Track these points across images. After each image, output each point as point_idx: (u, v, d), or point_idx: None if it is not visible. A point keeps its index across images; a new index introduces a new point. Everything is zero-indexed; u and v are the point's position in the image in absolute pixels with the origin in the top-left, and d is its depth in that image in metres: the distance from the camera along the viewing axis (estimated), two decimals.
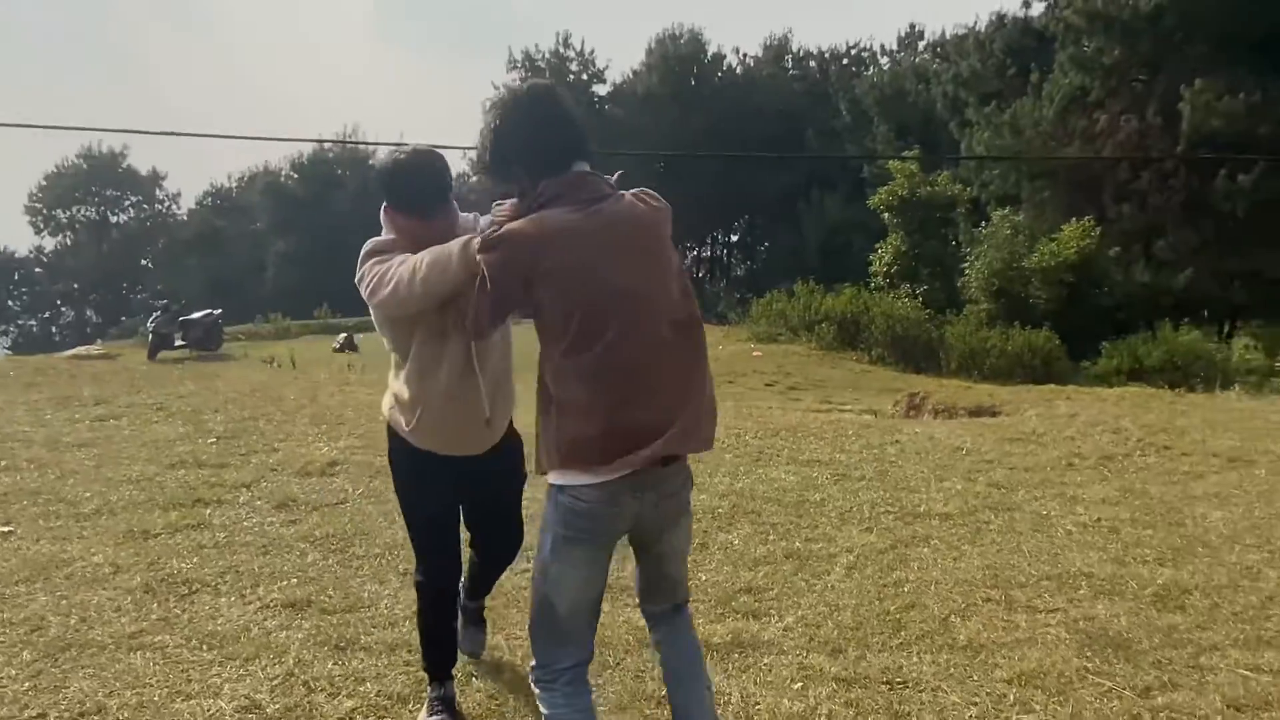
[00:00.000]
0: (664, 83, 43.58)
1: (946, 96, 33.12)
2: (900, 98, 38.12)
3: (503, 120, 2.22)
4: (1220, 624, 3.70)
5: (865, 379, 16.92)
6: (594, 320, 2.11)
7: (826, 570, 4.37)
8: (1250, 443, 7.07)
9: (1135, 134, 24.54)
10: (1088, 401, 9.02)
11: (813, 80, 46.37)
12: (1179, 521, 5.15)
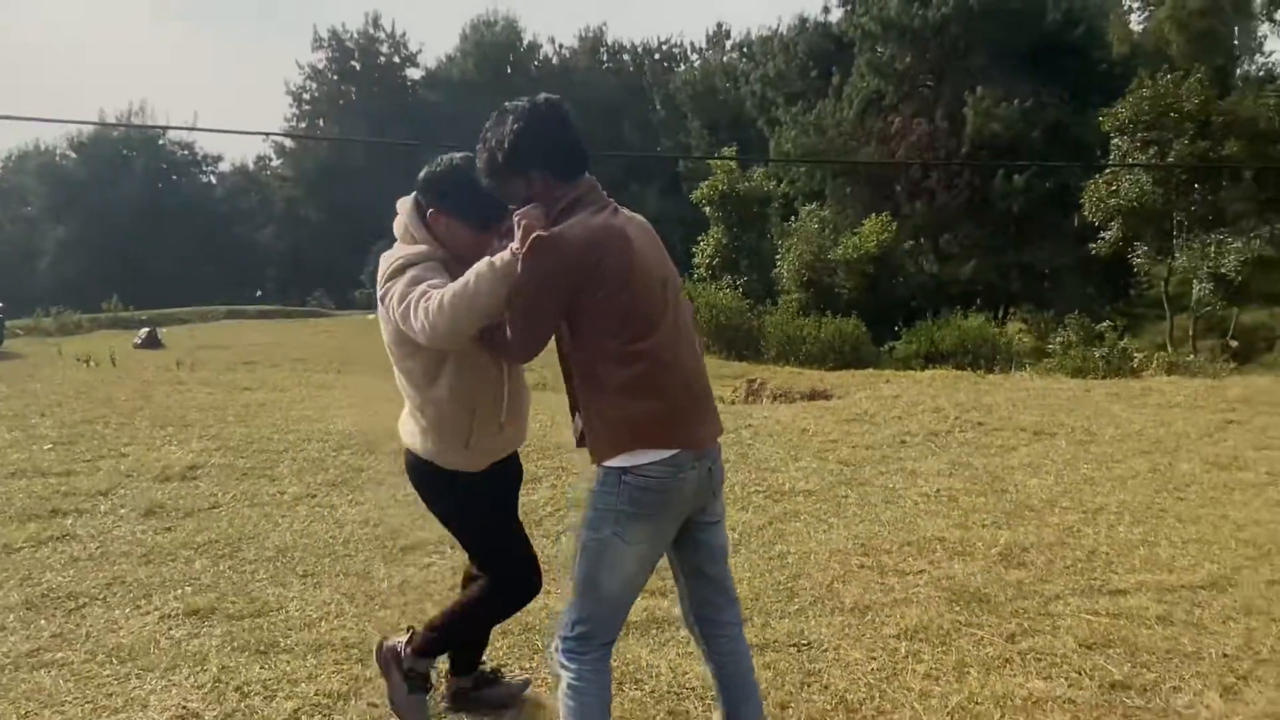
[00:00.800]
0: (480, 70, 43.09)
1: (755, 95, 34.71)
2: (712, 94, 39.58)
3: (526, 125, 2.26)
4: (1057, 576, 4.29)
5: None
6: (651, 309, 2.26)
7: None
8: (1049, 417, 8.02)
9: (926, 136, 26.73)
10: (907, 384, 9.90)
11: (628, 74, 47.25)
12: (1004, 489, 5.83)
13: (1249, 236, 20.04)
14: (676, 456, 2.29)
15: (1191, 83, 21.14)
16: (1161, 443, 7.10)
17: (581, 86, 44.27)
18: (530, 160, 2.29)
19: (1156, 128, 21.21)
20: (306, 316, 30.61)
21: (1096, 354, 16.60)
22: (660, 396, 2.27)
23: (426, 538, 4.72)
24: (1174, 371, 12.92)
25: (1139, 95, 21.42)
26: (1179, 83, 21.26)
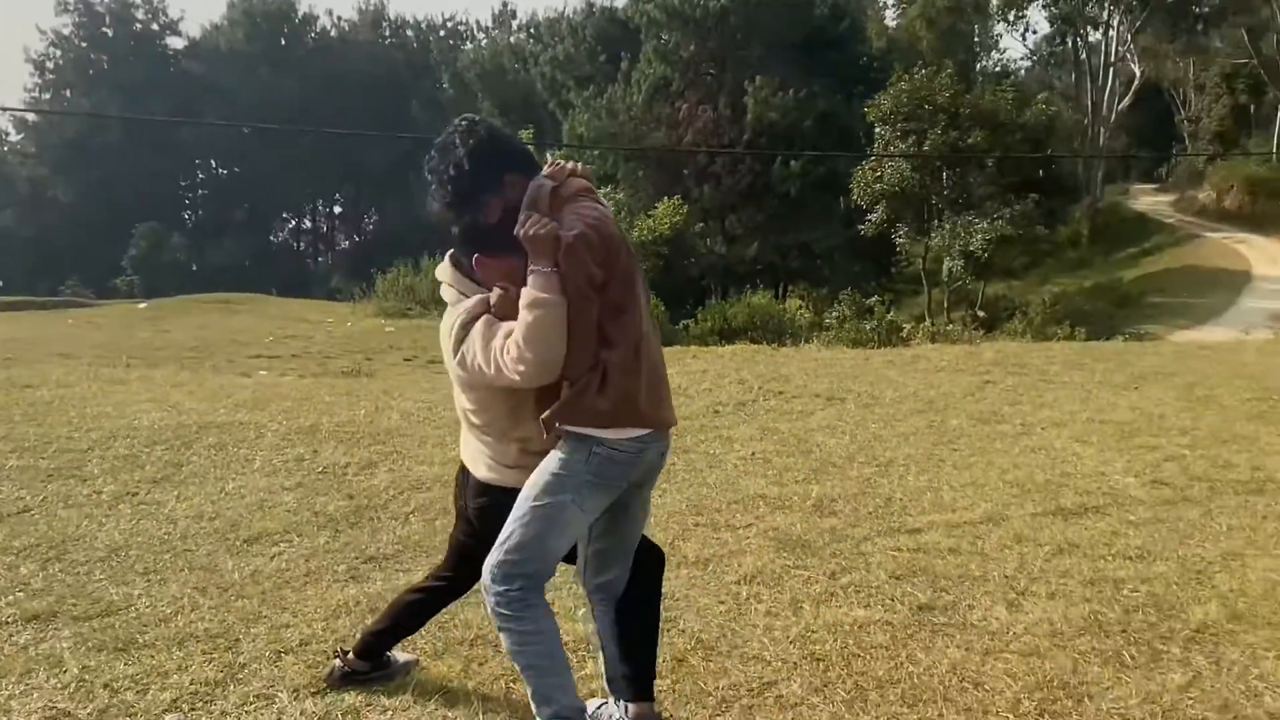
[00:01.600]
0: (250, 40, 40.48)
1: (545, 78, 34.89)
2: (501, 75, 39.34)
3: (479, 139, 2.33)
4: (863, 521, 4.89)
5: None
6: (628, 289, 2.36)
7: None
8: (837, 384, 8.85)
9: (711, 122, 28.00)
10: (711, 359, 10.54)
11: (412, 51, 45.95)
12: (808, 450, 6.47)
13: (993, 218, 22.55)
14: (645, 435, 2.43)
15: (943, 77, 23.44)
16: (933, 402, 8.04)
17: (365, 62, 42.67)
18: (499, 166, 2.36)
19: (914, 118, 23.38)
20: (62, 307, 27.88)
21: (868, 326, 18.21)
22: (637, 377, 2.37)
23: (270, 527, 4.68)
24: (937, 340, 14.48)
25: (898, 88, 23.50)
26: (932, 77, 23.51)
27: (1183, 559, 4.26)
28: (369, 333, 18.75)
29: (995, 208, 22.74)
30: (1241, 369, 9.81)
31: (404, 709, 3.01)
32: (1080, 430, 6.96)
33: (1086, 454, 6.26)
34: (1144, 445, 6.46)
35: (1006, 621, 3.61)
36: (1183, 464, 5.94)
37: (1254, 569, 4.10)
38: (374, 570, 4.22)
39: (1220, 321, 22.57)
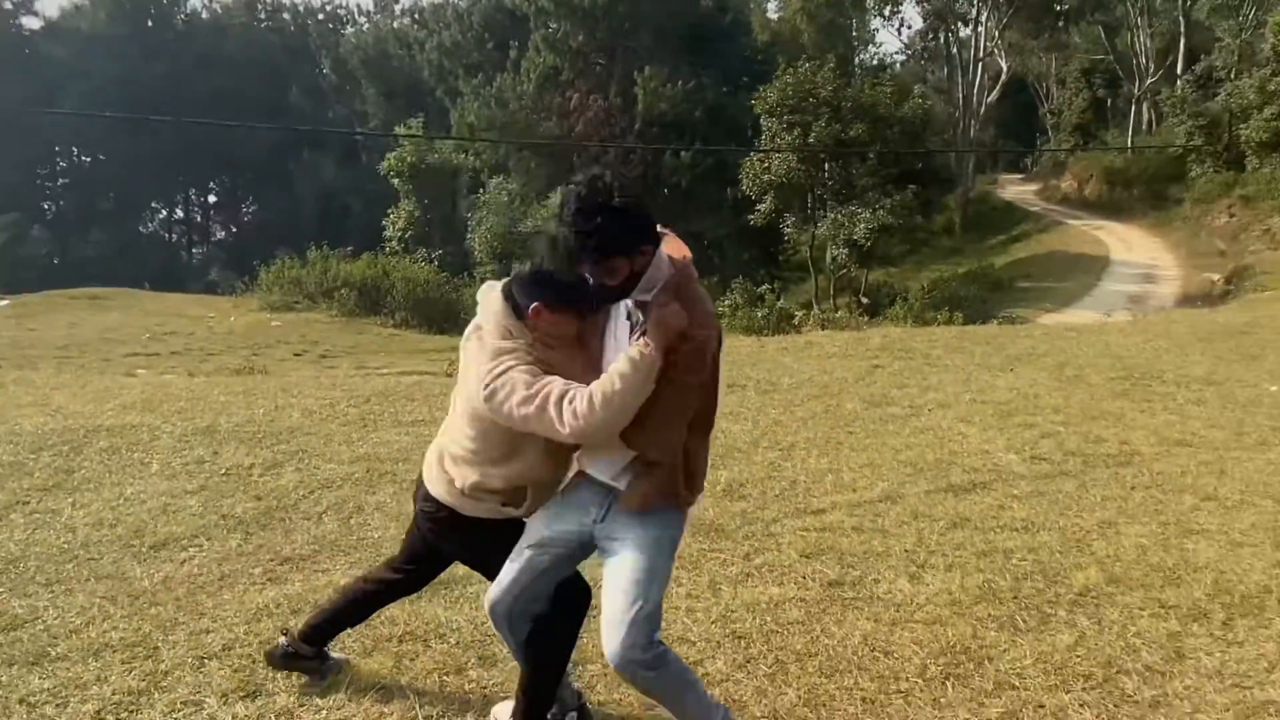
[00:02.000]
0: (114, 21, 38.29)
1: (433, 64, 34.25)
2: (385, 61, 38.39)
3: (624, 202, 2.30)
4: (771, 503, 5.10)
5: (395, 343, 17.38)
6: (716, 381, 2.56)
7: None
8: (736, 371, 9.10)
9: (602, 112, 28.09)
10: None
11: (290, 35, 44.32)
12: (714, 436, 6.66)
13: (874, 208, 23.41)
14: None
15: (825, 71, 24.14)
16: (828, 387, 8.37)
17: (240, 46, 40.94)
18: (642, 234, 2.34)
19: (799, 111, 24.01)
20: None
21: (760, 314, 18.67)
22: (706, 458, 2.66)
23: (176, 532, 4.57)
24: (827, 326, 14.99)
25: (783, 81, 24.10)
26: (815, 71, 24.19)
27: (1063, 529, 4.62)
28: (254, 328, 18.13)
29: (876, 198, 23.61)
30: (1105, 349, 10.53)
31: (338, 708, 3.03)
32: (964, 411, 7.38)
33: (971, 433, 6.65)
34: (1022, 423, 6.89)
35: (909, 593, 3.86)
36: (1058, 440, 6.39)
37: (1127, 535, 4.48)
38: (291, 572, 4.17)
39: (1083, 304, 24.05)
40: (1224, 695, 2.99)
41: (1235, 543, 4.36)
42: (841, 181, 24.61)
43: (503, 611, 2.67)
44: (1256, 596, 3.71)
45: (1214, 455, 5.97)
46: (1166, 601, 3.72)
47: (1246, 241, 29.66)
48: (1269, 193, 31.90)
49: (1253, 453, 6.04)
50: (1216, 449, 6.13)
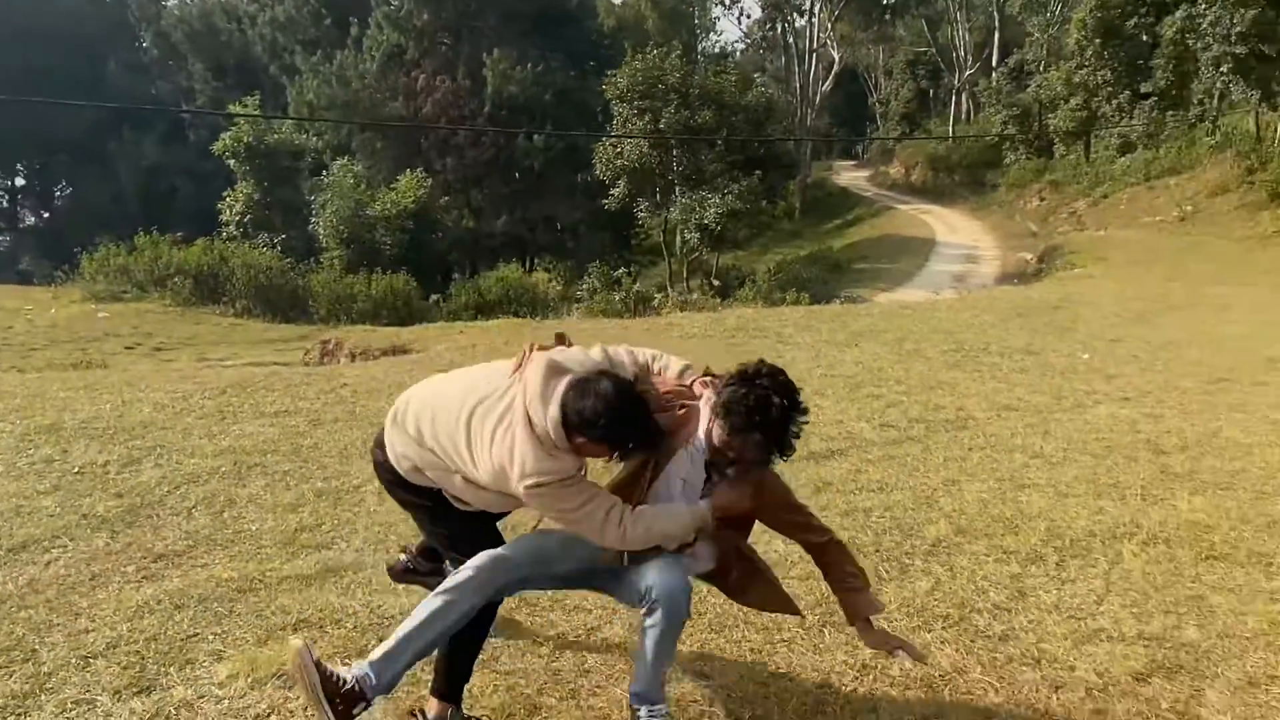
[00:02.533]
0: None
1: (265, 40, 32.60)
2: (212, 35, 36.25)
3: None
4: None
5: (238, 333, 16.61)
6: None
7: (360, 499, 4.95)
8: None
9: (450, 93, 27.57)
10: (479, 334, 10.65)
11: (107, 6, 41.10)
12: None
13: (723, 193, 24.08)
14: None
15: (673, 58, 24.58)
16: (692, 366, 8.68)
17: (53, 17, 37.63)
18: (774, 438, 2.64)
19: (649, 97, 24.36)
20: None
21: (617, 297, 18.95)
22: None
23: (35, 534, 4.35)
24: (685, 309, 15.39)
25: (633, 67, 24.38)
26: (663, 58, 24.59)
27: (913, 488, 5.05)
28: (79, 320, 16.91)
29: (725, 183, 24.28)
30: (938, 325, 11.33)
31: (239, 696, 3.02)
32: (817, 384, 7.83)
33: (825, 405, 7.07)
34: (869, 394, 7.40)
35: (784, 552, 4.13)
36: (902, 409, 6.90)
37: (969, 491, 4.95)
38: (167, 568, 4.06)
39: (914, 284, 25.57)
40: (1062, 626, 3.40)
41: (1062, 494, 4.89)
42: (691, 167, 25.17)
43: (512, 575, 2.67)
44: (1083, 540, 4.20)
45: (1038, 418, 6.60)
46: (1007, 548, 4.15)
47: (1055, 223, 32.28)
48: (1074, 178, 34.81)
49: (1071, 414, 6.72)
50: (1040, 412, 6.78)
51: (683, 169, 25.26)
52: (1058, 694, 2.90)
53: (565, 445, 2.48)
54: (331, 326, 16.37)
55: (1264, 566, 3.86)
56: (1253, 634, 3.26)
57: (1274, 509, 4.54)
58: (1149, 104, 30.74)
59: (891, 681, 3.04)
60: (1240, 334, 10.22)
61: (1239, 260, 19.86)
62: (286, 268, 19.30)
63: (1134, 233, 26.89)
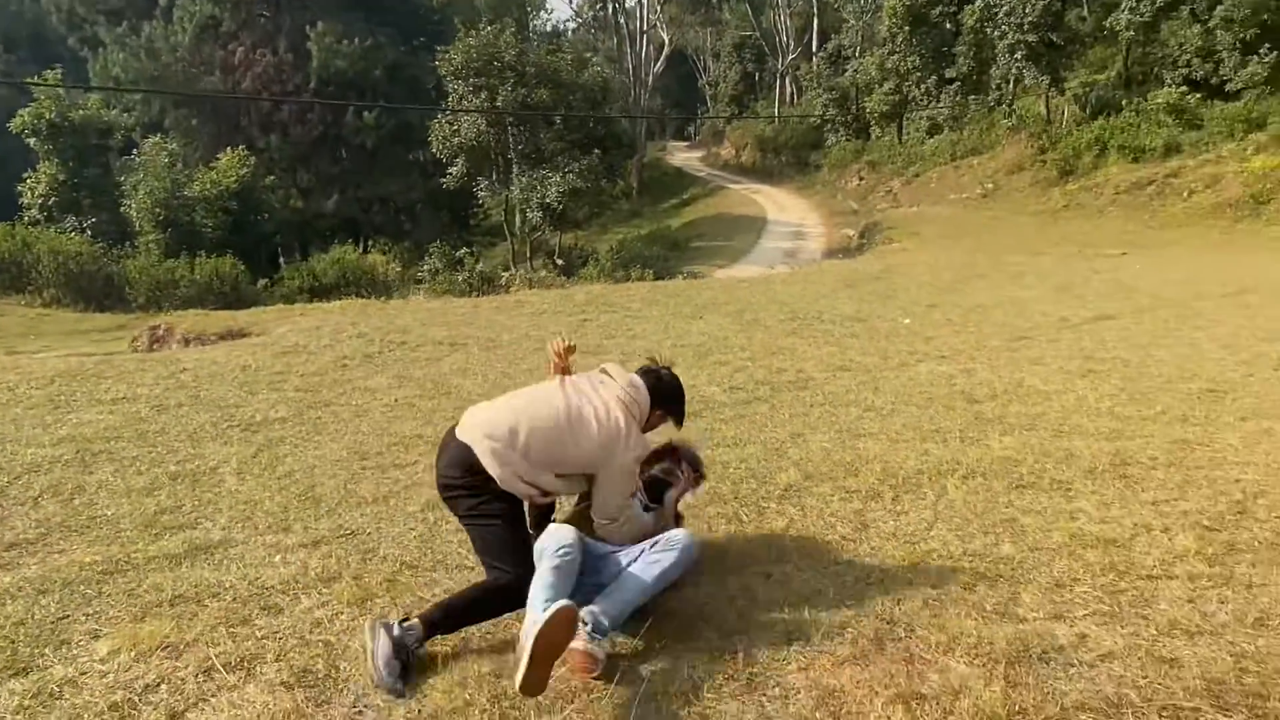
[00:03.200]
0: None
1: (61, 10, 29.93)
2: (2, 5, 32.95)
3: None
4: None
5: (47, 323, 15.42)
6: None
7: (219, 480, 4.87)
8: (456, 331, 9.32)
9: (271, 68, 26.24)
10: (321, 315, 10.39)
11: None
12: (448, 391, 6.88)
13: (564, 172, 24.21)
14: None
15: (508, 35, 24.40)
16: (545, 341, 8.81)
17: None
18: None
19: (484, 74, 24.10)
20: None
21: (460, 278, 18.77)
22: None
23: None
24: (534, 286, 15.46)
25: (467, 43, 24.03)
26: (498, 35, 24.37)
27: (764, 441, 5.43)
28: None
29: (565, 162, 24.43)
30: (774, 297, 11.95)
31: (124, 669, 3.00)
32: (669, 354, 8.03)
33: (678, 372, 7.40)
34: (717, 361, 7.81)
35: None
36: (748, 373, 7.33)
37: (813, 442, 5.38)
38: (23, 556, 3.90)
39: (749, 260, 26.66)
40: (900, 550, 3.82)
41: (893, 440, 5.39)
42: (530, 146, 25.12)
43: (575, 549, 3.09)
44: (914, 478, 4.68)
45: (868, 376, 7.18)
46: (850, 488, 4.58)
47: (874, 201, 34.31)
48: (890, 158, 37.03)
49: (897, 372, 7.34)
50: (870, 371, 7.37)
51: (522, 148, 25.17)
52: (900, 605, 3.29)
53: (645, 419, 3.44)
54: (153, 314, 15.43)
55: (1064, 492, 4.44)
56: (1057, 546, 3.78)
57: (1070, 444, 5.19)
58: (954, 88, 33.09)
59: (759, 604, 3.35)
60: (1035, 297, 11.33)
61: (1033, 232, 21.83)
62: (99, 253, 17.96)
63: (943, 209, 28.98)
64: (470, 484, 3.21)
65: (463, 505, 3.27)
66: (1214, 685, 2.66)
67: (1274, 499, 4.19)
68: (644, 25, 48.62)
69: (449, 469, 3.28)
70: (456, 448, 3.27)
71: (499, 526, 3.20)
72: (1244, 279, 12.25)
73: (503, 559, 3.14)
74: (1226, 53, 24.74)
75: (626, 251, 25.41)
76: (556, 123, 24.62)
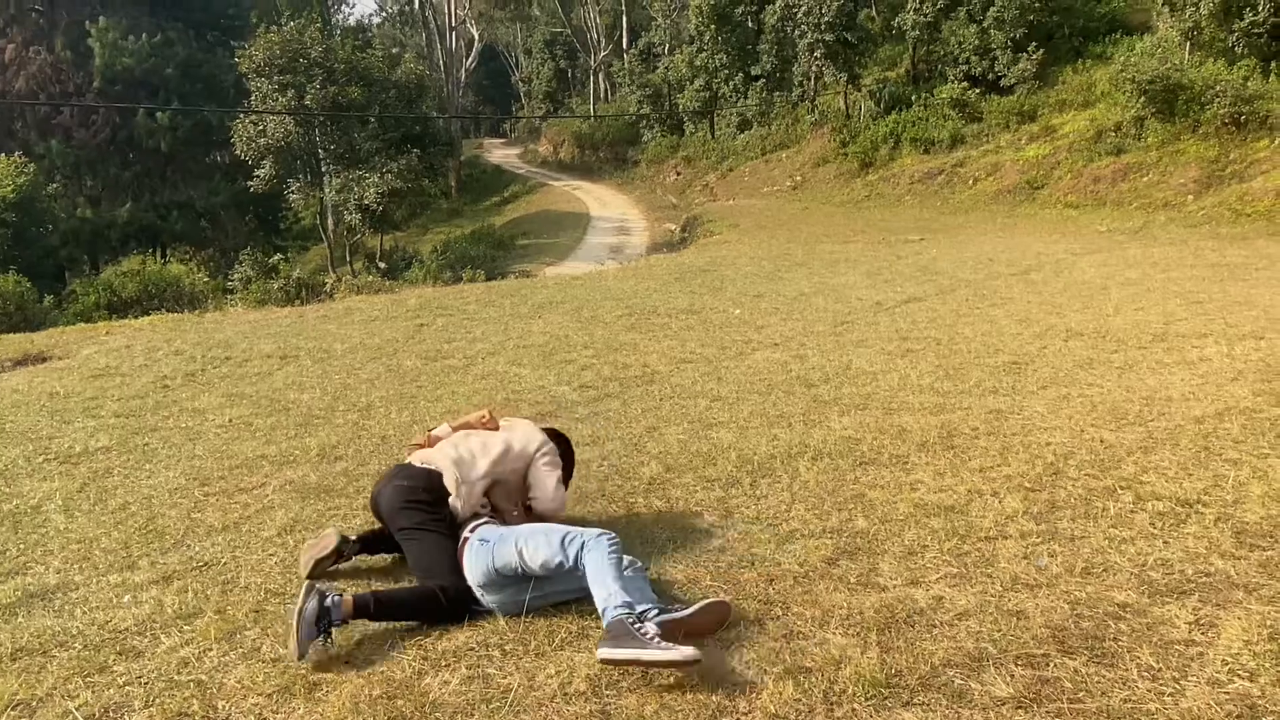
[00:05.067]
0: None
1: None
2: None
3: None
4: (370, 459, 5.31)
5: None
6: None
7: (44, 518, 4.49)
8: (284, 342, 8.90)
9: (49, 66, 23.96)
10: (130, 334, 9.65)
11: None
12: (286, 407, 6.58)
13: (381, 172, 23.47)
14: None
15: (313, 30, 23.36)
16: (382, 349, 8.62)
17: None
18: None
19: (290, 72, 22.97)
20: None
21: (276, 285, 17.87)
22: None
23: None
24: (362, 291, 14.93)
25: (269, 40, 22.83)
26: (302, 30, 23.29)
27: (621, 438, 5.55)
28: None
29: (382, 162, 23.69)
30: (608, 293, 12.12)
31: None
32: (512, 355, 8.16)
33: (524, 374, 7.43)
34: (562, 360, 7.86)
35: None
36: (595, 370, 7.43)
37: (669, 435, 5.54)
38: None
39: (577, 257, 26.79)
40: (765, 532, 4.02)
41: (743, 427, 5.64)
42: (344, 145, 24.18)
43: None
44: (767, 462, 4.93)
45: (710, 367, 7.45)
46: (710, 476, 4.76)
47: (692, 195, 35.29)
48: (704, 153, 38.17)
49: (736, 361, 7.65)
50: (711, 362, 7.64)
51: (335, 147, 24.19)
52: (772, 585, 3.48)
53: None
54: None
55: (902, 465, 4.80)
56: (904, 517, 4.09)
57: (901, 421, 5.60)
58: (759, 85, 34.49)
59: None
60: (849, 283, 12.04)
61: (841, 222, 23.12)
62: None
63: (757, 201, 30.19)
64: (424, 500, 3.61)
65: (410, 518, 3.56)
66: (1057, 632, 2.98)
67: (1081, 459, 4.70)
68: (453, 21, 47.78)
69: (407, 480, 3.73)
70: (412, 470, 3.81)
71: (444, 539, 3.53)
72: (1027, 259, 13.51)
73: (445, 574, 3.40)
74: (1000, 51, 27.07)
75: (452, 252, 24.95)
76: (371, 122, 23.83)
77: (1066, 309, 9.19)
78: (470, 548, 3.45)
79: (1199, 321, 8.18)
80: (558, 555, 3.23)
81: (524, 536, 3.36)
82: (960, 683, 2.74)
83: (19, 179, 20.99)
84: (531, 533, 3.39)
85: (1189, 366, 6.58)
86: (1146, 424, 5.23)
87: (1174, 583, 3.32)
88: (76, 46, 24.49)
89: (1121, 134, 21.31)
